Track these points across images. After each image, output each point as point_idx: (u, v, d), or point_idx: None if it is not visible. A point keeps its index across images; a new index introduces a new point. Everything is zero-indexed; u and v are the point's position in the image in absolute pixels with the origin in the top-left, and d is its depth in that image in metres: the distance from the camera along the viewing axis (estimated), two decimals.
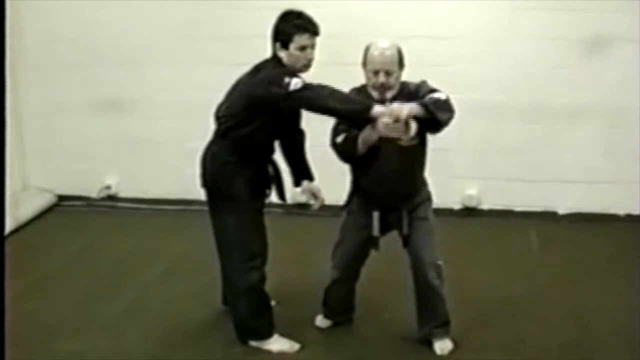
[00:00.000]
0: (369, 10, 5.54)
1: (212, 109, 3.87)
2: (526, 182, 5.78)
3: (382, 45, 3.60)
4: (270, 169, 3.90)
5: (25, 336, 3.92)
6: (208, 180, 3.81)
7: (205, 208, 3.93)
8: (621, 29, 5.39)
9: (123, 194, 6.25)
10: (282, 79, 3.45)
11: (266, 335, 3.89)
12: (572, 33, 5.45)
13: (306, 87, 3.45)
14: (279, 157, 4.02)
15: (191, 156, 4.94)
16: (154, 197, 6.14)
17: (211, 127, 3.88)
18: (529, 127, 5.68)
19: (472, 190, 5.86)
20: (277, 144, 3.96)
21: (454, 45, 5.58)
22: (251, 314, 3.86)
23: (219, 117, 3.79)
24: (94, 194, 6.21)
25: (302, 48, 3.59)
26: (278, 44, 3.62)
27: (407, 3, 5.56)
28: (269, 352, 3.86)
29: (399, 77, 3.67)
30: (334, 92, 3.47)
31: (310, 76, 3.67)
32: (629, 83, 5.48)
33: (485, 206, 5.90)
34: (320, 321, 4.15)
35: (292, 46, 3.58)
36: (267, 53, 3.73)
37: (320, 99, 3.44)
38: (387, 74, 3.60)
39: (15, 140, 5.70)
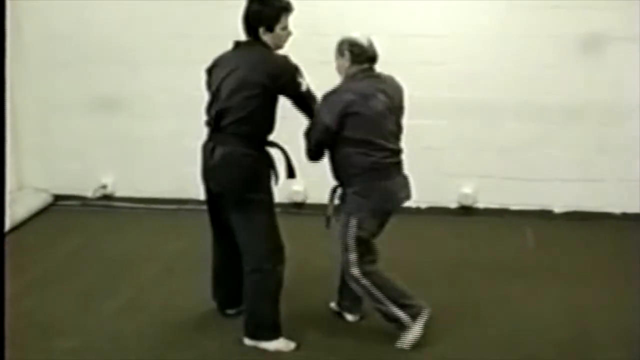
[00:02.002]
0: (364, 9, 5.54)
1: None
2: (522, 181, 5.79)
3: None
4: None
5: (22, 335, 3.91)
6: (227, 181, 3.72)
7: (201, 207, 3.92)
8: (617, 27, 5.40)
9: (119, 193, 6.25)
10: (296, 76, 3.68)
11: (278, 335, 3.89)
12: (568, 31, 5.46)
13: (309, 93, 3.77)
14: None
15: (187, 155, 4.91)
16: (149, 196, 6.14)
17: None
18: (525, 126, 5.69)
19: (467, 189, 5.87)
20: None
21: (450, 44, 5.59)
22: (275, 311, 3.86)
23: (218, 115, 3.71)
24: (89, 193, 6.21)
25: (284, 27, 3.70)
26: (263, 29, 3.67)
27: (402, 1, 5.57)
28: (264, 350, 3.86)
29: (339, 66, 3.82)
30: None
31: (307, 75, 3.74)
32: (624, 81, 5.50)
33: (481, 205, 5.90)
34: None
35: (278, 27, 3.68)
36: None
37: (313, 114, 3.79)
38: None
39: (11, 140, 5.66)
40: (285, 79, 3.65)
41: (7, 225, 5.30)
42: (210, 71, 3.89)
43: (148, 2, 5.78)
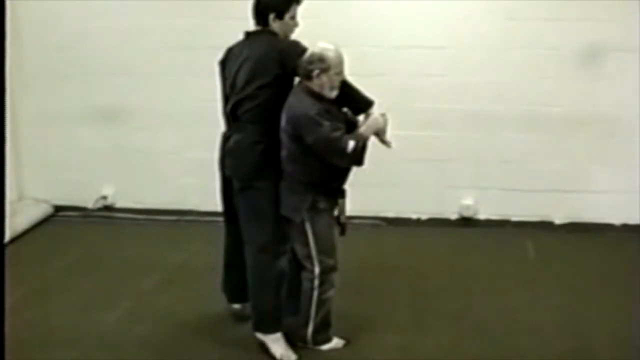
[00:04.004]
0: (366, 21, 5.57)
1: (209, 119, 3.88)
2: (523, 192, 5.79)
3: (333, 47, 3.64)
4: None
5: (23, 346, 3.90)
6: (236, 166, 3.81)
7: (202, 218, 3.93)
8: (616, 38, 5.41)
9: (119, 204, 6.25)
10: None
11: (278, 328, 3.89)
12: (568, 43, 5.48)
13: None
14: None
15: (187, 166, 4.97)
16: (150, 207, 6.13)
17: (208, 137, 3.87)
18: (525, 137, 5.69)
19: (468, 200, 5.87)
20: None
21: (450, 55, 5.60)
22: (277, 304, 3.87)
23: (235, 106, 3.78)
24: (90, 204, 6.21)
25: (293, 17, 3.81)
26: (273, 15, 3.76)
27: (403, 13, 5.59)
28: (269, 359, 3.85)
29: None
30: None
31: None
32: (624, 93, 5.50)
33: (481, 216, 5.90)
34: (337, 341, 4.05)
35: (287, 16, 3.79)
36: None
37: None
38: None
39: (12, 150, 5.70)
40: (295, 61, 3.66)
41: (7, 235, 5.29)
42: (223, 63, 3.98)
43: (149, 13, 5.80)
